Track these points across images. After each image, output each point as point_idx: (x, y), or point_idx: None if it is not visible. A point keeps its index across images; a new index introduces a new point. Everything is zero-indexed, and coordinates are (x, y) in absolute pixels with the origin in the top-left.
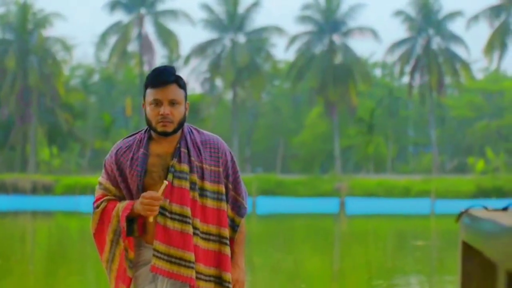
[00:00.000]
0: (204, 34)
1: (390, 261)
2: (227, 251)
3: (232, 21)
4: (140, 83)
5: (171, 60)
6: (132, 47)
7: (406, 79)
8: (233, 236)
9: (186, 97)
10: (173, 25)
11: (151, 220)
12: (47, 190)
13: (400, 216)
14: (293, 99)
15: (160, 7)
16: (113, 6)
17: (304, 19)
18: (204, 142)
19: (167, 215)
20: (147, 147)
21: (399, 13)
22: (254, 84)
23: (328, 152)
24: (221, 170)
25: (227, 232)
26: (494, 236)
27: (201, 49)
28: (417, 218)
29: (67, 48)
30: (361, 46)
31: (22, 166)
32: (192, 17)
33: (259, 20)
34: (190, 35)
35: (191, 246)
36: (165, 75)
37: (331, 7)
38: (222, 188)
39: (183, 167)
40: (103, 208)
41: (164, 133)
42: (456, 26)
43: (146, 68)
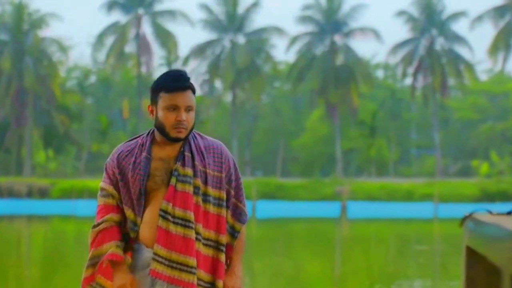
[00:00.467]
0: (203, 35)
1: (392, 266)
2: (223, 258)
3: (232, 22)
4: (138, 85)
5: (170, 61)
6: (130, 48)
7: (409, 81)
8: (232, 243)
9: None
10: (172, 26)
11: None
12: (43, 194)
13: (403, 220)
14: (294, 101)
15: (158, 7)
16: (110, 6)
17: (305, 20)
18: (208, 148)
19: (170, 219)
20: (150, 151)
21: (402, 13)
22: (254, 86)
23: (329, 155)
24: (224, 176)
25: (225, 239)
26: (499, 241)
27: (200, 50)
28: (420, 223)
29: (63, 49)
30: (363, 47)
31: (18, 169)
32: (191, 18)
33: (259, 21)
34: (189, 36)
35: (194, 251)
36: (183, 81)
37: (332, 7)
38: (223, 195)
39: (187, 171)
40: (100, 231)
41: (177, 139)
42: (460, 27)
43: (144, 70)
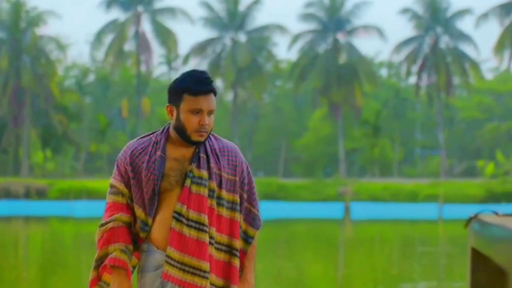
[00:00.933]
0: (204, 33)
1: (397, 268)
2: (237, 263)
3: (233, 20)
4: (137, 84)
5: (170, 60)
6: (129, 46)
7: (413, 80)
8: (245, 249)
9: None
10: (171, 24)
11: None
12: (41, 195)
13: (407, 221)
14: (296, 100)
15: (158, 5)
16: (109, 4)
17: (307, 17)
18: (222, 150)
19: (184, 222)
20: (164, 150)
21: (406, 11)
22: (255, 85)
23: (332, 155)
24: (237, 180)
25: (238, 244)
26: (504, 242)
27: (201, 48)
28: (425, 224)
29: (62, 47)
30: (366, 45)
31: (15, 170)
32: (191, 15)
33: (261, 18)
34: (189, 34)
35: (207, 255)
36: (207, 84)
37: (335, 5)
38: (237, 198)
39: (202, 173)
40: (107, 231)
41: (197, 142)
42: (465, 25)
43: (143, 68)
